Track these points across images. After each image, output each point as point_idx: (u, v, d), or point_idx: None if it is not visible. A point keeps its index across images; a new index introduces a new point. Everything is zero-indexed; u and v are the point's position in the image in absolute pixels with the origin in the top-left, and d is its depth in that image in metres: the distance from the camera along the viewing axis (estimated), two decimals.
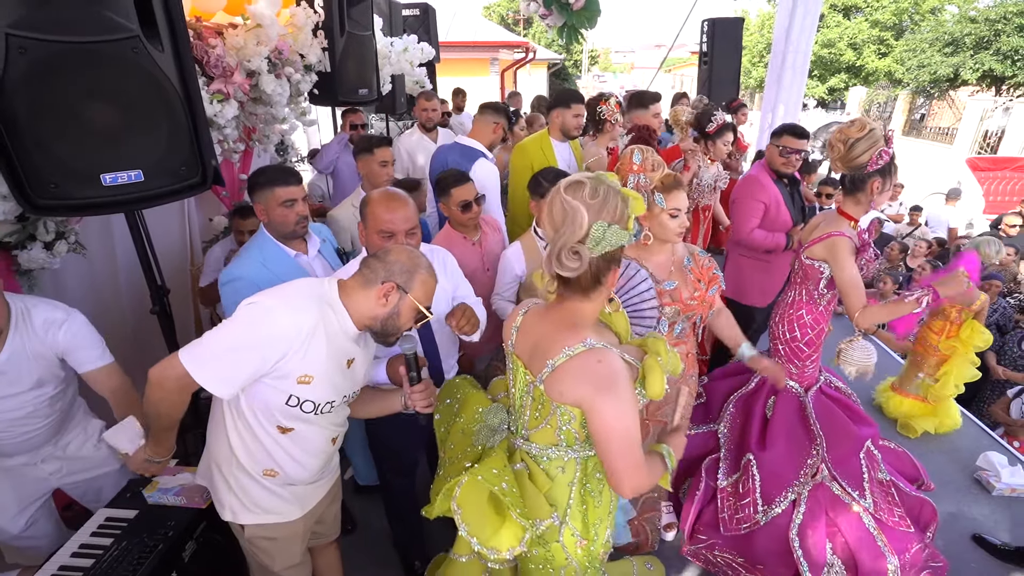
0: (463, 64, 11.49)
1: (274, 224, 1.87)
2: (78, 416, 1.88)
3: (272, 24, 2.58)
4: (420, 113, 3.94)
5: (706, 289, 1.94)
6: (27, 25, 1.22)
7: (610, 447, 1.18)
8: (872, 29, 20.43)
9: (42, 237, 1.96)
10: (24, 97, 1.27)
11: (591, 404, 1.18)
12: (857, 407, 2.35)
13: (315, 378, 1.32)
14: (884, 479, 2.25)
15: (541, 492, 1.37)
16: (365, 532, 2.46)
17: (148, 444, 1.45)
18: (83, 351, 1.67)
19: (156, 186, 1.55)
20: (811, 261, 2.11)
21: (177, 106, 1.54)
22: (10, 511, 1.77)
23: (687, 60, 28.92)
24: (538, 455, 1.39)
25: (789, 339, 2.23)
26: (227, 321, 1.28)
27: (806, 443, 2.20)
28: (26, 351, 1.57)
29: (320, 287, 1.37)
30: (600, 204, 1.13)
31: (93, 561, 1.47)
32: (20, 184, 1.35)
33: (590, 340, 1.21)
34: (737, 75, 5.99)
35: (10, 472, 1.75)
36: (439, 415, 1.60)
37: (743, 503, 2.18)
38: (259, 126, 3.08)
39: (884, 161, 1.93)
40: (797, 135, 2.71)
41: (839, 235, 2.00)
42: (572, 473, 1.37)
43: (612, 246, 1.14)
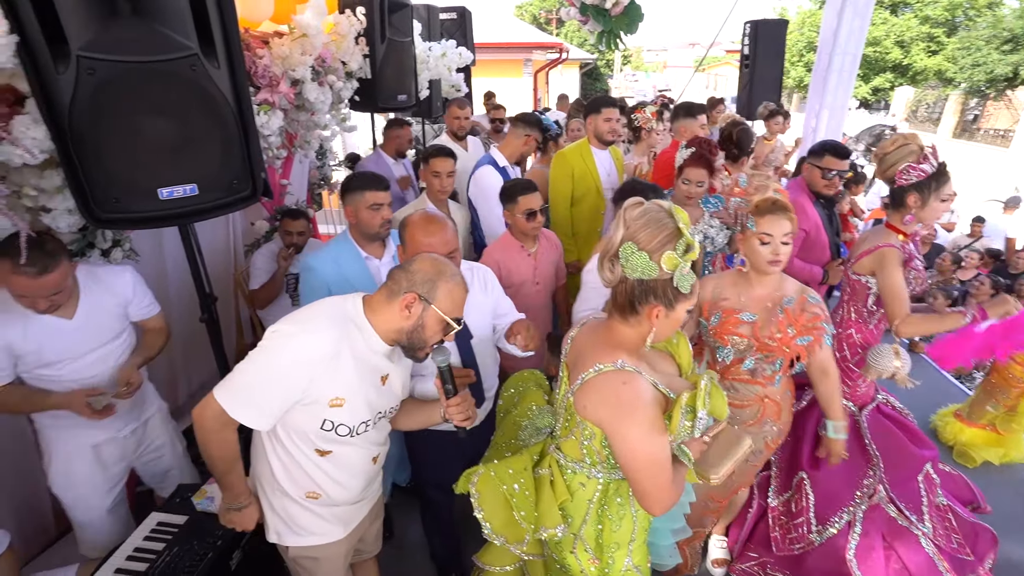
0: (497, 66, 11.50)
1: (361, 225, 2.00)
2: (151, 393, 2.08)
3: (318, 33, 2.62)
4: (452, 121, 3.87)
5: (795, 336, 1.76)
6: (96, 47, 1.25)
7: (635, 471, 1.21)
8: (922, 26, 19.61)
9: (100, 245, 2.04)
10: (91, 116, 1.31)
11: (612, 427, 1.22)
12: (916, 428, 2.25)
13: (347, 400, 1.31)
14: (941, 503, 2.16)
15: (557, 501, 1.40)
16: (402, 543, 2.47)
17: (223, 494, 1.45)
18: (142, 298, 1.91)
19: (209, 199, 1.58)
20: (858, 276, 2.05)
21: (230, 121, 1.56)
22: (100, 488, 1.92)
23: (722, 59, 28.31)
24: (564, 465, 1.43)
25: (838, 359, 2.13)
26: (253, 352, 1.28)
27: (862, 463, 2.12)
28: (101, 306, 1.77)
29: (343, 306, 1.35)
30: (639, 227, 1.17)
31: (147, 565, 1.51)
32: (85, 199, 1.39)
33: (622, 361, 1.24)
34: (779, 79, 5.81)
35: (100, 449, 1.89)
36: (502, 400, 1.70)
37: (796, 522, 2.12)
38: (300, 132, 3.13)
39: (916, 176, 1.92)
40: (840, 155, 2.56)
41: (887, 246, 1.96)
42: (592, 491, 1.39)
43: (639, 272, 1.16)
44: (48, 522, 2.34)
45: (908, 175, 1.94)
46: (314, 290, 1.95)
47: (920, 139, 1.99)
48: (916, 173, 1.93)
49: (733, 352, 1.85)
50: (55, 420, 1.79)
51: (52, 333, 1.67)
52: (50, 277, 1.53)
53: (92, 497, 1.91)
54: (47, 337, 1.66)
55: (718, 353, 1.90)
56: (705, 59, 9.86)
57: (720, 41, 17.04)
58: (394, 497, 2.64)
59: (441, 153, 2.75)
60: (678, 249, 1.15)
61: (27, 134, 1.33)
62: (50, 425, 1.82)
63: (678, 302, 1.20)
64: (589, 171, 3.12)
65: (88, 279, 1.76)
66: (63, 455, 1.84)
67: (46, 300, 1.58)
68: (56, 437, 1.83)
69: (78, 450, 1.85)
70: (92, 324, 1.74)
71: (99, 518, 1.94)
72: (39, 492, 2.28)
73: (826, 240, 2.70)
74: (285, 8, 2.62)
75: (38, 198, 1.51)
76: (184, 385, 3.07)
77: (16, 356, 1.65)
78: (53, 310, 1.63)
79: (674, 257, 1.14)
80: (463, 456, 2.00)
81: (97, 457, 1.89)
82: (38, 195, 1.50)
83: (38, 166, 1.43)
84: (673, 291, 1.18)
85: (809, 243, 2.67)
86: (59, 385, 1.73)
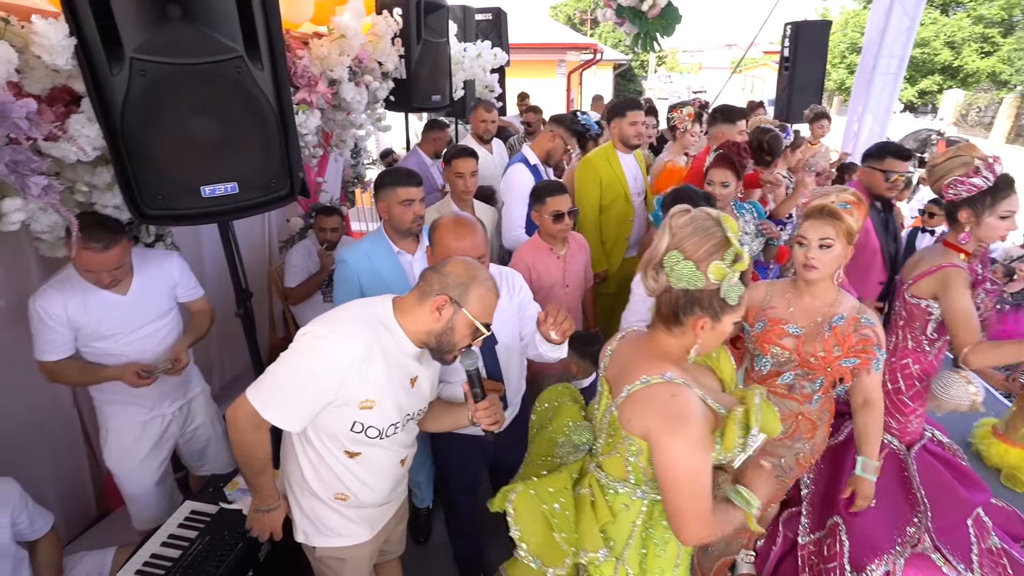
0: (530, 66, 11.49)
1: (393, 220, 2.01)
2: (196, 374, 2.22)
3: (355, 34, 2.65)
4: (478, 124, 3.81)
5: (840, 356, 1.66)
6: (148, 49, 1.29)
7: (672, 488, 1.15)
8: (975, 26, 18.72)
9: (144, 239, 2.11)
10: (141, 115, 1.35)
11: (657, 438, 1.16)
12: (966, 467, 2.07)
13: (377, 402, 1.31)
14: (995, 547, 1.99)
15: (599, 524, 1.33)
16: (426, 544, 2.48)
17: (252, 496, 1.47)
18: (188, 279, 2.06)
19: (249, 198, 1.62)
20: (917, 300, 1.90)
21: (271, 121, 1.59)
22: (149, 463, 2.04)
23: (759, 60, 27.64)
24: (606, 485, 1.36)
25: (891, 390, 2.00)
26: (285, 353, 1.29)
27: (906, 509, 1.95)
28: (152, 284, 1.92)
29: (373, 308, 1.36)
30: (686, 235, 1.13)
31: (180, 552, 1.56)
32: (133, 195, 1.44)
33: (670, 374, 1.18)
34: (821, 82, 5.59)
35: (148, 425, 2.02)
36: (535, 416, 1.64)
37: (828, 567, 1.97)
38: (336, 131, 3.18)
39: (965, 190, 1.77)
40: (903, 157, 2.46)
41: (951, 266, 1.81)
42: (636, 513, 1.32)
43: (684, 282, 1.12)
44: (89, 506, 2.44)
45: (955, 189, 1.80)
46: (345, 282, 2.00)
47: (978, 149, 1.84)
48: (965, 187, 1.78)
49: (771, 363, 1.76)
50: (111, 396, 1.93)
51: (109, 307, 1.81)
52: (113, 252, 1.67)
53: (141, 472, 2.03)
54: (104, 311, 1.80)
55: (756, 361, 1.81)
56: (742, 60, 9.64)
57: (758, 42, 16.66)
58: None
59: (463, 153, 2.75)
60: (726, 259, 1.10)
61: (81, 132, 1.38)
62: (107, 400, 1.96)
63: (724, 314, 1.15)
64: (617, 177, 3.06)
65: (140, 260, 1.91)
66: (116, 430, 1.98)
67: (109, 275, 1.72)
68: (112, 413, 1.97)
69: (129, 426, 1.99)
70: (143, 300, 1.89)
71: (148, 491, 2.07)
72: (82, 478, 2.39)
73: (876, 245, 2.58)
74: (324, 10, 2.67)
75: (90, 194, 1.57)
76: (218, 376, 3.16)
77: (76, 329, 1.78)
78: (114, 285, 1.78)
79: (721, 267, 1.10)
80: (487, 460, 2.01)
81: (146, 433, 2.02)
82: (90, 191, 1.56)
83: (90, 163, 1.49)
84: (720, 302, 1.13)
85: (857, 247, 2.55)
86: (113, 358, 1.86)
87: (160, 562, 1.54)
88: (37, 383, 2.06)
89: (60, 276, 1.77)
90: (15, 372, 2.03)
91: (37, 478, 2.09)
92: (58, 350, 1.78)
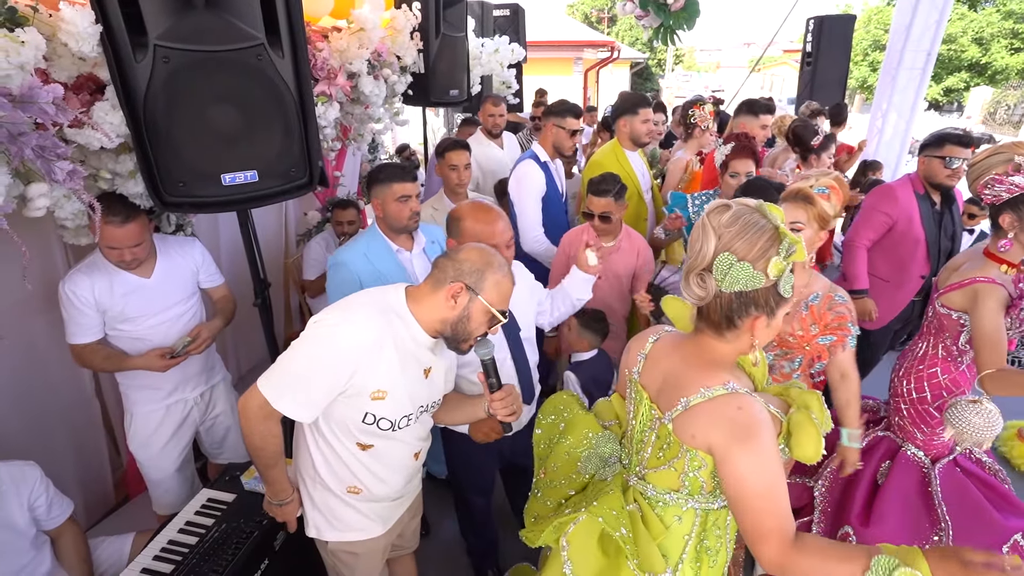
0: (547, 64, 11.46)
1: (389, 217, 1.97)
2: (218, 361, 2.25)
3: (375, 28, 2.65)
4: (486, 119, 3.79)
5: (817, 335, 1.67)
6: (171, 36, 1.30)
7: (747, 506, 1.04)
8: (1004, 21, 18.22)
9: (165, 229, 2.13)
10: (163, 103, 1.36)
11: (724, 454, 1.06)
12: (1006, 489, 1.94)
13: (389, 393, 1.29)
14: None
15: (655, 540, 1.24)
16: (438, 538, 2.47)
17: (265, 489, 1.46)
18: (210, 266, 2.10)
19: (268, 186, 1.62)
20: (947, 311, 1.81)
21: (292, 110, 1.59)
22: (171, 449, 2.07)
23: (778, 59, 27.23)
24: (653, 498, 1.26)
25: (916, 399, 1.92)
26: (296, 342, 1.27)
27: (925, 526, 1.85)
28: (175, 268, 1.97)
29: (385, 296, 1.33)
30: (734, 235, 1.03)
31: (197, 540, 1.57)
32: (155, 183, 1.45)
33: (732, 384, 1.10)
34: (844, 77, 5.51)
35: (171, 410, 2.05)
36: (540, 430, 1.53)
37: None
38: (355, 125, 3.19)
39: (1006, 190, 1.63)
40: (964, 143, 2.37)
41: (987, 281, 1.70)
42: (690, 525, 1.23)
43: (740, 285, 1.03)
44: (109, 493, 2.48)
45: (993, 189, 1.68)
46: (345, 284, 1.91)
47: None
48: (1005, 187, 1.65)
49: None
50: (136, 380, 1.97)
51: (134, 289, 1.86)
52: (132, 226, 1.71)
53: (163, 456, 2.07)
54: (130, 292, 1.85)
55: None
56: (761, 59, 9.49)
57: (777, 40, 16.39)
58: (430, 490, 2.64)
59: (456, 146, 2.73)
60: (781, 252, 1.02)
61: (105, 119, 1.39)
62: (132, 386, 2.00)
63: (779, 307, 1.08)
64: (628, 176, 2.98)
65: (163, 245, 1.97)
66: (141, 415, 2.02)
67: (130, 252, 1.75)
68: (138, 398, 2.01)
69: (154, 411, 2.02)
70: (167, 283, 1.94)
71: (169, 476, 2.10)
72: (102, 466, 2.42)
73: (920, 235, 2.51)
74: (344, 4, 2.67)
75: (113, 181, 1.58)
76: (235, 368, 3.18)
77: (104, 311, 1.82)
78: (136, 265, 1.82)
79: (781, 263, 1.02)
80: (501, 460, 1.99)
81: (168, 417, 2.05)
82: (113, 178, 1.58)
83: (113, 150, 1.50)
84: (776, 298, 1.06)
85: (897, 235, 2.50)
86: (137, 342, 1.90)
87: (178, 548, 1.56)
88: (62, 372, 2.10)
89: (88, 261, 1.83)
90: (42, 362, 2.07)
91: (59, 465, 2.12)
92: (87, 332, 1.82)
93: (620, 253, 2.45)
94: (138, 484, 2.33)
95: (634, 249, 2.50)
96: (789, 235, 1.03)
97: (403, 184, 1.94)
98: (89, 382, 2.30)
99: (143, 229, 1.76)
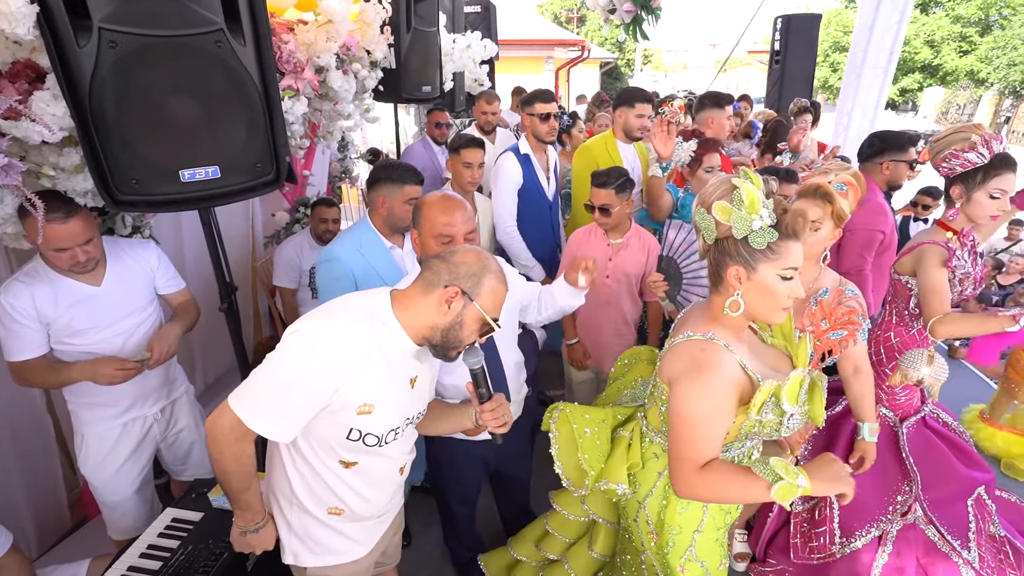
0: (518, 62, 11.43)
1: (394, 217, 1.94)
2: (180, 374, 2.08)
3: (343, 20, 2.55)
4: (480, 116, 3.79)
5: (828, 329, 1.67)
6: (118, 19, 1.19)
7: (673, 432, 1.20)
8: (954, 25, 19.07)
9: (120, 231, 2.00)
10: (112, 92, 1.24)
11: (674, 383, 1.23)
12: (970, 448, 2.08)
13: (376, 406, 1.20)
14: (998, 534, 1.98)
15: (626, 462, 1.44)
16: (421, 548, 2.38)
17: (236, 516, 1.32)
18: (167, 269, 1.93)
19: (232, 183, 1.51)
20: (899, 276, 1.92)
21: (256, 101, 1.49)
22: (129, 470, 1.91)
23: (743, 59, 27.91)
24: (644, 433, 1.47)
25: (875, 361, 2.01)
26: (272, 354, 1.16)
27: (897, 478, 1.96)
28: (129, 272, 1.80)
29: (370, 301, 1.24)
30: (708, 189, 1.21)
31: (161, 564, 1.45)
32: (104, 179, 1.33)
33: (712, 333, 1.23)
34: (811, 75, 5.64)
35: (129, 428, 1.88)
36: (614, 368, 1.85)
37: (818, 531, 1.98)
38: (323, 122, 3.08)
39: (960, 165, 1.76)
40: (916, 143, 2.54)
41: (929, 243, 1.81)
42: (664, 464, 1.38)
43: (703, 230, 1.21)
44: (63, 515, 2.32)
45: (949, 163, 1.80)
46: (338, 280, 1.86)
47: (984, 128, 1.82)
48: (959, 161, 1.77)
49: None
50: (85, 398, 1.79)
51: (82, 299, 1.67)
52: (76, 221, 1.55)
53: (120, 479, 1.90)
54: (77, 303, 1.67)
55: None
56: (728, 60, 9.69)
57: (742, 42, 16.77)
58: (410, 498, 2.56)
59: (473, 143, 2.66)
60: (734, 201, 1.15)
61: (46, 110, 1.27)
62: (82, 404, 1.81)
63: (757, 261, 1.16)
64: (614, 164, 3.00)
65: (114, 248, 1.80)
66: (95, 436, 1.84)
67: (83, 251, 1.60)
68: (88, 417, 1.83)
69: (109, 431, 1.86)
70: (120, 291, 1.76)
71: (126, 499, 1.93)
72: (55, 485, 2.26)
73: (895, 239, 2.57)
74: None
75: (56, 178, 1.45)
76: (201, 377, 3.03)
77: (47, 324, 1.65)
78: (93, 266, 1.66)
79: (726, 206, 1.14)
80: (487, 469, 1.93)
81: (125, 437, 1.88)
82: (56, 174, 1.45)
83: (57, 144, 1.38)
84: (747, 248, 1.16)
85: (884, 245, 2.55)
86: (89, 358, 1.70)
87: (138, 575, 1.43)
88: (6, 386, 1.93)
89: (26, 268, 1.65)
90: None
91: (7, 487, 1.96)
92: (29, 348, 1.63)
93: (629, 250, 2.37)
94: (96, 505, 2.17)
95: (644, 247, 2.41)
96: (748, 189, 1.13)
97: (415, 187, 1.93)
98: (40, 395, 2.14)
99: (89, 223, 1.60)
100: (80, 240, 1.58)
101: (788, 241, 1.16)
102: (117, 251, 1.80)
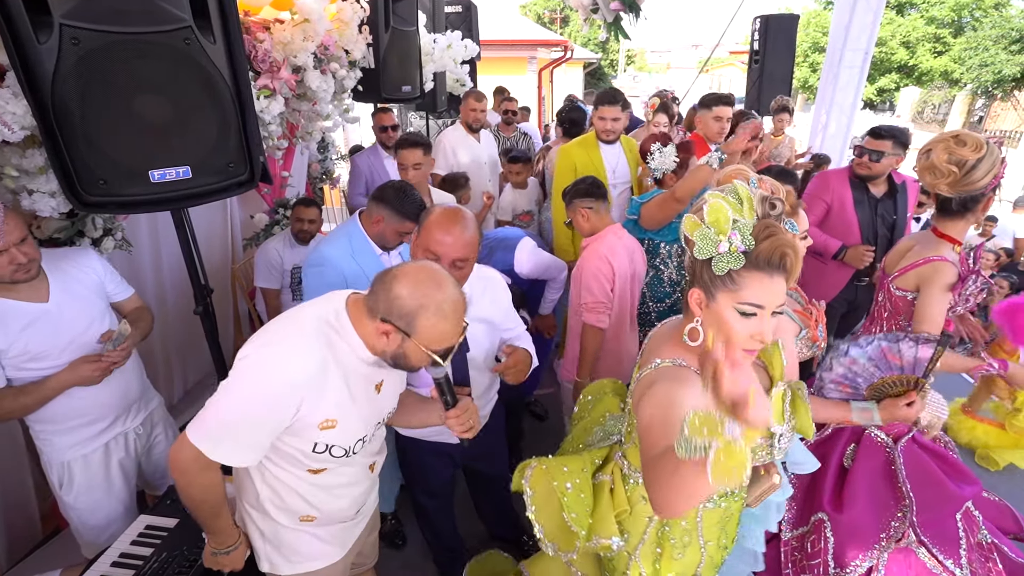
0: (502, 63, 11.40)
1: (384, 238, 1.94)
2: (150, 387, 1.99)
3: (320, 19, 2.53)
4: (468, 113, 3.79)
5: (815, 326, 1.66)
6: (81, 15, 1.17)
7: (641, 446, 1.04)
8: (928, 26, 19.48)
9: (90, 234, 1.95)
10: (76, 90, 1.22)
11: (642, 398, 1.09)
12: (956, 460, 2.03)
13: (339, 420, 1.17)
14: (985, 541, 1.95)
15: (613, 511, 1.28)
16: (403, 550, 2.36)
17: (208, 538, 1.30)
18: (112, 275, 1.82)
19: (204, 183, 1.49)
20: (903, 293, 1.85)
21: (227, 100, 1.47)
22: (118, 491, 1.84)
23: (725, 60, 28.21)
24: (627, 475, 1.30)
25: None
26: (227, 383, 1.11)
27: (891, 504, 1.90)
28: (75, 282, 1.68)
29: (326, 310, 1.18)
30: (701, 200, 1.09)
31: (133, 573, 1.42)
32: (70, 180, 1.30)
33: (681, 359, 1.11)
34: (790, 75, 5.71)
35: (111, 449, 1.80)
36: (577, 407, 1.63)
37: (812, 563, 1.92)
38: (302, 123, 3.04)
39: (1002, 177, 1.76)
40: (875, 135, 2.62)
41: (941, 260, 1.76)
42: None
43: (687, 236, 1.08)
44: (35, 525, 2.25)
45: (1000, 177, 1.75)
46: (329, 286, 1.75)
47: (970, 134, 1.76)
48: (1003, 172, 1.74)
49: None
50: (65, 423, 1.68)
51: (32, 319, 1.55)
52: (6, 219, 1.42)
53: (112, 500, 1.81)
54: (29, 324, 1.54)
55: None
56: (709, 60, 9.77)
57: (724, 42, 16.90)
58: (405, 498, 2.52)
59: (407, 145, 2.67)
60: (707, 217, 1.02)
61: (6, 109, 1.24)
62: (56, 430, 1.68)
63: (716, 289, 1.02)
64: (593, 165, 3.01)
65: (52, 260, 1.64)
66: (79, 461, 1.73)
67: (20, 251, 1.46)
68: (66, 443, 1.70)
69: (93, 453, 1.75)
70: (71, 304, 1.63)
71: (116, 519, 1.84)
72: (27, 494, 2.20)
73: (853, 219, 2.69)
74: None
75: (19, 179, 1.42)
76: (180, 383, 2.98)
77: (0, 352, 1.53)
78: (35, 269, 1.53)
79: (694, 221, 1.03)
80: (455, 465, 1.91)
81: (112, 456, 1.80)
82: (19, 176, 1.41)
83: (19, 145, 1.35)
84: (709, 273, 1.02)
85: (832, 218, 2.68)
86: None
87: None
88: None
89: None
90: None
91: None
92: None
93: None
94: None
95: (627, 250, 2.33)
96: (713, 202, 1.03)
97: (412, 224, 1.87)
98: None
99: (20, 219, 1.46)
100: (14, 239, 1.45)
101: (755, 272, 0.99)
102: (56, 262, 1.65)
